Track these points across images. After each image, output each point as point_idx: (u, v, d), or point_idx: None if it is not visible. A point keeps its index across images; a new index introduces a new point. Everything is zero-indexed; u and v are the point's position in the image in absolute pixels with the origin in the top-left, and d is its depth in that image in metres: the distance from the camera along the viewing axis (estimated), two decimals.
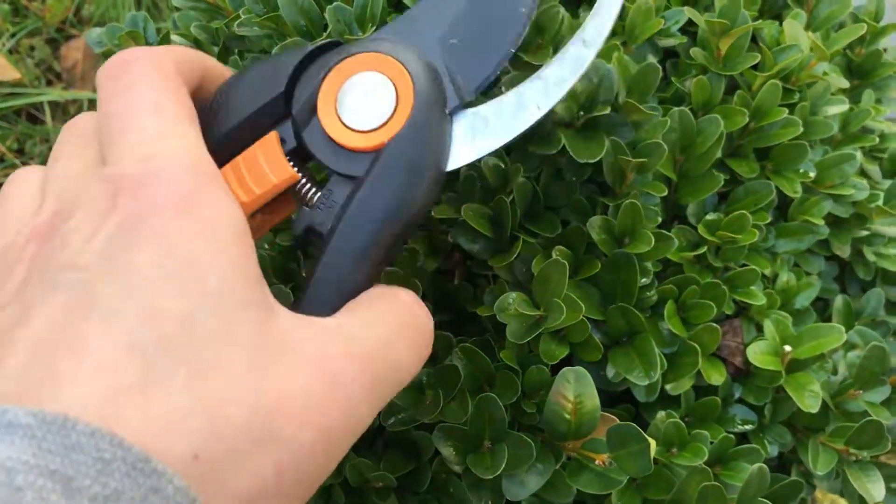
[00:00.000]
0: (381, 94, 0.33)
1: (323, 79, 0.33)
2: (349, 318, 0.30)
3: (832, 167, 0.52)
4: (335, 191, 0.33)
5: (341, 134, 0.33)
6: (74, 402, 0.22)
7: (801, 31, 0.51)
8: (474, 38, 0.35)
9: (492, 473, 0.40)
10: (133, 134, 0.28)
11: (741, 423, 0.48)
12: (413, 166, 0.32)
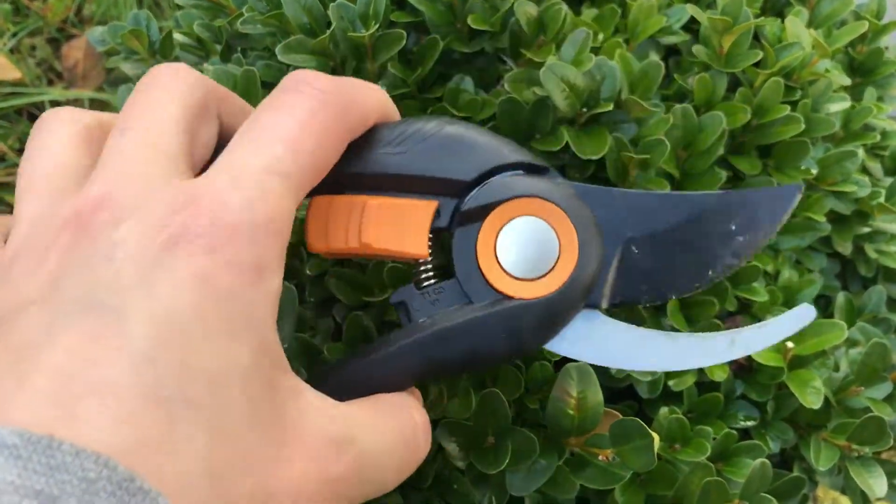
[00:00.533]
0: (544, 254, 0.32)
1: (507, 199, 0.33)
2: (359, 415, 0.29)
3: (834, 164, 0.52)
4: (447, 293, 0.33)
5: (488, 264, 0.32)
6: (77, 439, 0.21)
7: (803, 29, 0.51)
8: (653, 260, 0.33)
9: (495, 469, 0.40)
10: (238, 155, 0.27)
11: (743, 419, 0.48)
12: (530, 334, 0.32)
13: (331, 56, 0.47)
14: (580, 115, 0.43)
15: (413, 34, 0.50)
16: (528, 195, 0.33)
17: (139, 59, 0.56)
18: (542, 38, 0.46)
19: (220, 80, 0.47)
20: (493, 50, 0.50)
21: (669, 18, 0.51)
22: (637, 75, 0.45)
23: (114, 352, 0.22)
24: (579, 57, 0.43)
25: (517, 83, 0.45)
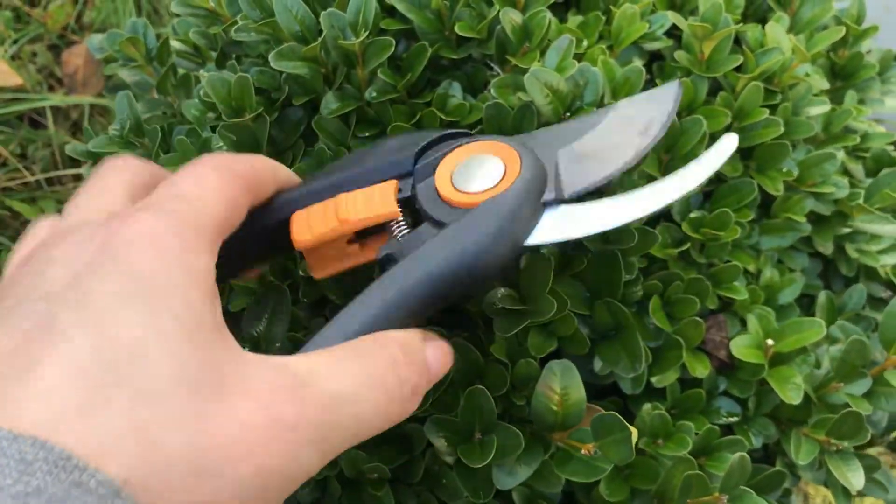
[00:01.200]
0: (492, 169, 0.38)
1: (448, 152, 0.39)
2: (318, 360, 0.30)
3: (814, 166, 0.53)
4: (423, 232, 0.37)
5: (448, 192, 0.37)
6: (14, 424, 0.23)
7: (784, 34, 0.53)
8: (583, 160, 0.39)
9: (482, 462, 0.41)
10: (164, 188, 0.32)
11: (726, 415, 0.50)
12: (494, 225, 0.35)
13: (322, 63, 0.48)
14: (563, 119, 0.44)
15: (402, 41, 0.52)
16: (468, 141, 0.39)
17: (136, 65, 0.57)
18: (528, 44, 0.47)
19: (216, 86, 0.48)
20: (481, 56, 0.51)
21: (652, 25, 0.52)
22: (619, 80, 0.46)
23: (39, 342, 0.25)
24: (563, 63, 0.45)
25: (503, 88, 0.47)
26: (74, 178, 1.14)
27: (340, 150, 0.49)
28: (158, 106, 0.59)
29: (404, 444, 0.47)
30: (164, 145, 0.54)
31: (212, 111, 0.53)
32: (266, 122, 0.49)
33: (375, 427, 0.30)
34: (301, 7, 0.48)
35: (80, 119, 1.17)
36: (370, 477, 0.47)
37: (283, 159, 0.51)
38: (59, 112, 1.17)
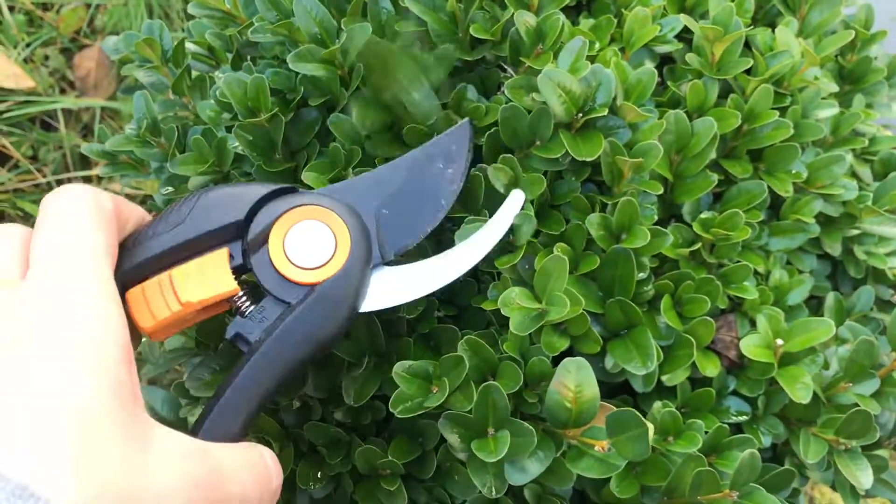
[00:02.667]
0: (323, 241, 0.41)
1: (278, 217, 0.41)
2: (215, 445, 0.35)
3: (822, 168, 0.53)
4: (268, 308, 0.40)
5: (285, 266, 0.40)
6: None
7: (793, 38, 0.53)
8: (402, 213, 0.44)
9: (495, 458, 0.41)
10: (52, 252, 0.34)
11: (735, 413, 0.50)
12: (338, 305, 0.40)
13: (339, 65, 0.49)
14: (576, 121, 0.45)
15: (417, 43, 0.52)
16: (292, 207, 0.42)
17: (152, 67, 0.57)
18: (541, 46, 0.48)
19: (232, 87, 0.49)
20: (494, 58, 0.52)
21: (663, 28, 0.52)
22: (631, 82, 0.47)
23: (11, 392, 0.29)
24: (575, 64, 0.45)
25: (516, 89, 0.47)
26: (84, 180, 1.14)
27: (355, 149, 0.49)
28: (173, 107, 0.60)
29: (416, 440, 0.48)
30: (179, 145, 0.55)
31: (227, 112, 0.54)
32: (281, 122, 0.49)
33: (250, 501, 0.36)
34: (320, 9, 0.48)
35: (91, 122, 1.18)
36: (383, 472, 0.47)
37: (298, 158, 0.52)
38: (70, 115, 1.18)
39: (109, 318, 0.33)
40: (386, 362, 0.47)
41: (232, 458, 0.35)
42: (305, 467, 0.49)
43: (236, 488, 0.35)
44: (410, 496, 0.47)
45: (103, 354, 0.31)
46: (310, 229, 0.41)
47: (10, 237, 0.36)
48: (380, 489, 0.47)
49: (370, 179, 0.44)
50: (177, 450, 0.32)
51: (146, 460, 0.30)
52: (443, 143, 0.46)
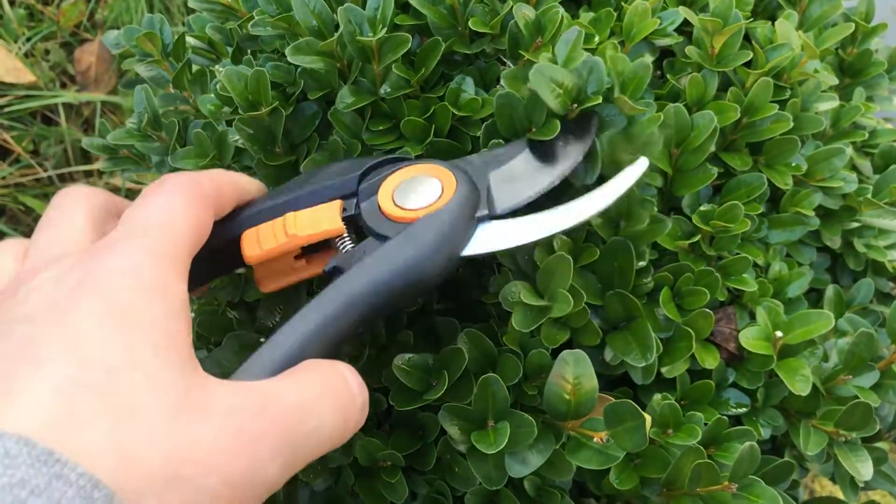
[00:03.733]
0: (430, 189, 0.41)
1: (390, 173, 0.42)
2: (275, 381, 0.32)
3: (822, 161, 0.53)
4: (367, 245, 0.39)
5: (389, 208, 0.40)
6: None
7: (793, 31, 0.53)
8: (515, 177, 0.43)
9: (495, 449, 0.41)
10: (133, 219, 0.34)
11: (734, 406, 0.50)
12: (432, 240, 0.39)
13: (338, 58, 0.49)
14: (572, 111, 0.45)
15: (416, 37, 0.52)
16: (405, 166, 0.42)
17: (153, 61, 0.58)
18: (540, 39, 0.48)
19: (233, 80, 0.49)
20: (493, 51, 0.52)
21: (663, 21, 0.52)
22: (627, 75, 0.47)
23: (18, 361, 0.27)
24: (571, 55, 0.45)
25: (513, 80, 0.47)
26: (86, 175, 1.15)
27: (354, 143, 0.50)
28: (174, 101, 0.60)
29: (417, 432, 0.48)
30: (180, 139, 0.55)
31: (227, 105, 0.54)
32: (282, 115, 0.49)
33: (335, 439, 0.33)
34: (318, 2, 0.48)
35: (92, 116, 1.18)
36: (384, 465, 0.47)
37: (299, 152, 0.52)
38: (71, 109, 1.18)
39: (164, 278, 0.31)
40: (386, 354, 0.47)
41: (298, 388, 0.32)
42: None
43: (312, 423, 0.31)
44: (411, 488, 0.47)
45: (150, 306, 0.30)
46: (418, 180, 0.41)
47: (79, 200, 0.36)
48: (380, 481, 0.47)
49: (485, 155, 0.45)
50: (226, 402, 0.29)
51: (196, 426, 0.28)
52: (565, 126, 0.45)
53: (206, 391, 0.29)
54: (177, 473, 0.27)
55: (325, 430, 0.32)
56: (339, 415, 0.33)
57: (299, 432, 0.31)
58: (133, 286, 0.30)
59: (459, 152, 0.50)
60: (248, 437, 0.29)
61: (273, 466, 0.30)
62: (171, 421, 0.27)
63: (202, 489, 0.27)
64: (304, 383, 0.32)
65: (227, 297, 0.52)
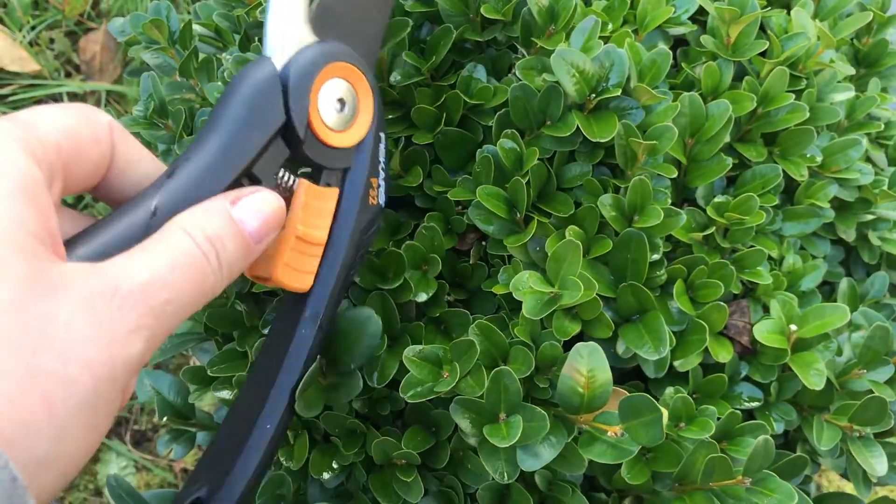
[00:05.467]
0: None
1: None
2: (126, 258, 0.31)
3: (838, 152, 0.53)
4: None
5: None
6: None
7: (809, 20, 0.52)
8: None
9: (507, 443, 0.41)
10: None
11: (747, 400, 0.50)
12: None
13: None
14: (589, 101, 0.44)
15: (427, 24, 0.52)
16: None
17: (159, 48, 0.57)
18: (553, 27, 0.47)
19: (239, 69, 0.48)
20: (506, 39, 0.51)
21: (677, 9, 0.52)
22: (645, 64, 0.46)
23: None
24: (588, 44, 0.45)
25: (528, 70, 0.46)
26: None
27: None
28: (180, 89, 0.59)
29: (430, 430, 0.47)
30: (186, 127, 0.54)
31: None
32: None
33: (193, 303, 0.32)
34: None
35: (97, 105, 1.17)
36: (398, 462, 0.47)
37: None
38: (76, 98, 1.18)
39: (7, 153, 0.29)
40: (398, 345, 0.47)
41: (147, 262, 0.31)
42: (318, 456, 0.48)
43: (164, 295, 0.30)
44: (422, 484, 0.47)
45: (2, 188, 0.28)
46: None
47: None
48: (395, 479, 0.46)
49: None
50: (78, 285, 0.28)
51: (49, 309, 0.27)
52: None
53: (60, 275, 0.28)
54: (32, 365, 0.26)
55: (182, 298, 0.31)
56: (195, 283, 0.32)
57: (153, 306, 0.30)
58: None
59: (471, 143, 0.49)
60: (102, 318, 0.28)
61: (135, 341, 0.29)
62: (18, 307, 0.26)
63: (64, 377, 0.26)
64: (153, 257, 0.31)
65: (234, 287, 0.52)
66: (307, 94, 0.38)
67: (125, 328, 0.29)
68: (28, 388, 0.25)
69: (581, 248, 0.43)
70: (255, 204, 0.35)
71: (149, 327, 0.30)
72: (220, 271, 0.33)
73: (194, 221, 0.33)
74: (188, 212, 0.34)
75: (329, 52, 0.40)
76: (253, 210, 0.35)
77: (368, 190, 0.41)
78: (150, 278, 0.30)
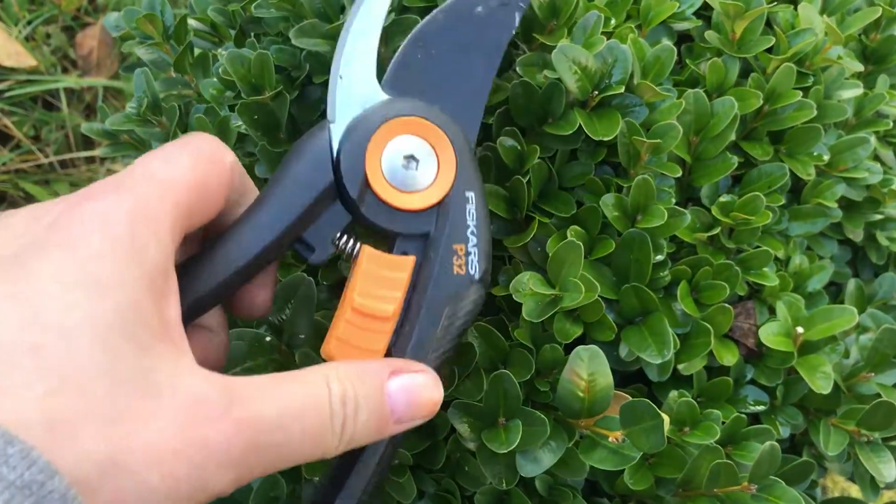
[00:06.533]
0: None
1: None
2: (255, 382, 0.29)
3: (846, 151, 0.52)
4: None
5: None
6: None
7: (816, 15, 0.51)
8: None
9: (506, 448, 0.40)
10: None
11: (753, 403, 0.49)
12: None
13: None
14: (591, 99, 0.43)
15: None
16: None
17: (153, 43, 0.56)
18: (555, 22, 0.46)
19: (235, 63, 0.47)
20: None
21: (681, 4, 0.51)
22: (649, 60, 0.45)
23: None
24: (590, 39, 0.44)
25: (529, 66, 0.45)
26: (87, 161, 1.13)
27: None
28: (175, 85, 0.58)
29: (426, 430, 0.46)
30: (181, 124, 0.53)
31: (230, 90, 0.52)
32: (286, 100, 0.48)
33: (308, 453, 0.30)
34: None
35: (94, 101, 1.16)
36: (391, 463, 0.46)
37: None
38: (72, 94, 1.17)
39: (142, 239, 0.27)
40: None
41: (277, 395, 0.29)
42: None
43: (278, 437, 0.28)
44: (418, 486, 0.46)
45: (120, 270, 0.26)
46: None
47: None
48: (388, 480, 0.46)
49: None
50: (188, 390, 0.26)
51: (146, 411, 0.25)
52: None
53: (171, 375, 0.26)
54: (113, 459, 0.24)
55: (291, 447, 0.29)
56: (311, 438, 0.30)
57: (255, 445, 0.28)
58: (104, 244, 0.27)
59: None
60: (200, 438, 0.26)
61: (219, 475, 0.27)
62: (118, 401, 0.25)
63: (142, 482, 0.25)
64: (280, 393, 0.29)
65: None
66: (362, 151, 0.36)
67: (224, 457, 0.27)
68: (104, 480, 0.24)
69: (582, 249, 0.42)
70: (412, 381, 0.33)
71: (247, 465, 0.28)
72: (341, 436, 0.31)
73: (341, 376, 0.31)
74: (346, 363, 0.32)
75: (395, 108, 0.37)
76: (405, 387, 0.33)
77: (451, 258, 0.37)
78: (270, 415, 0.28)
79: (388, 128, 0.36)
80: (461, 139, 0.38)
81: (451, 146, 0.37)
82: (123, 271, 0.26)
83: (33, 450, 0.22)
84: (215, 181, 0.32)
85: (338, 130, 0.36)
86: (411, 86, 0.38)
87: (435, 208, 0.37)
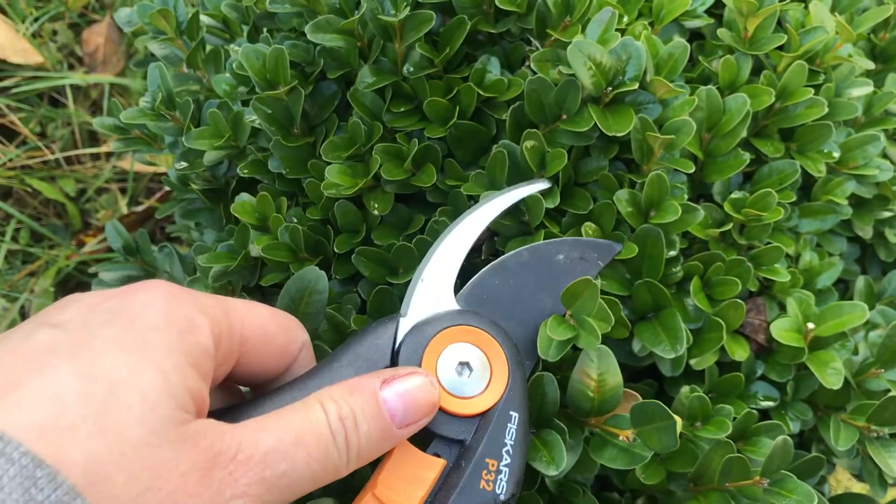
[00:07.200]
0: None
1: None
2: (258, 422, 0.32)
3: (856, 148, 0.52)
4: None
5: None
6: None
7: (827, 13, 0.51)
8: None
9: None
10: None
11: (763, 399, 0.49)
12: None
13: (359, 36, 0.48)
14: (605, 95, 0.44)
15: (439, 15, 0.51)
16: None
17: (166, 39, 0.56)
18: (569, 18, 0.46)
19: (250, 58, 0.48)
20: (520, 31, 0.50)
21: (694, 2, 0.51)
22: (662, 57, 0.45)
23: (31, 361, 0.28)
24: (605, 35, 0.44)
25: (543, 63, 0.46)
26: (93, 157, 1.13)
27: (375, 124, 0.48)
28: (187, 80, 0.59)
29: None
30: (194, 119, 0.53)
31: (243, 85, 0.53)
32: (300, 95, 0.48)
33: (311, 481, 0.33)
34: None
35: (100, 98, 1.16)
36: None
37: (317, 133, 0.50)
38: (78, 91, 1.17)
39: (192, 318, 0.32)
40: None
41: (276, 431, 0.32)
42: None
43: (282, 467, 0.31)
44: None
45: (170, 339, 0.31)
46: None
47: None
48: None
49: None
50: (206, 442, 0.30)
51: (173, 459, 0.29)
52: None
53: (192, 428, 0.30)
54: (140, 497, 0.27)
55: (299, 473, 0.32)
56: (317, 461, 0.32)
57: (266, 476, 0.31)
58: (160, 320, 0.31)
59: (484, 136, 0.48)
60: (213, 479, 0.29)
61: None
62: (147, 446, 0.28)
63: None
64: (283, 426, 0.32)
65: (242, 281, 0.51)
66: (421, 348, 0.38)
67: (230, 492, 0.30)
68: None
69: (598, 287, 0.41)
70: (404, 386, 0.35)
71: (256, 496, 0.31)
72: (347, 452, 0.33)
73: (335, 396, 0.34)
74: (336, 385, 0.35)
75: (463, 317, 0.39)
76: (398, 392, 0.35)
77: (481, 471, 0.37)
78: (271, 447, 0.31)
79: (451, 333, 0.39)
80: (517, 360, 0.39)
81: (506, 363, 0.39)
82: (172, 341, 0.31)
83: (58, 474, 0.26)
84: (270, 348, 0.36)
85: (406, 325, 0.39)
86: (483, 304, 0.41)
87: (477, 418, 0.38)
